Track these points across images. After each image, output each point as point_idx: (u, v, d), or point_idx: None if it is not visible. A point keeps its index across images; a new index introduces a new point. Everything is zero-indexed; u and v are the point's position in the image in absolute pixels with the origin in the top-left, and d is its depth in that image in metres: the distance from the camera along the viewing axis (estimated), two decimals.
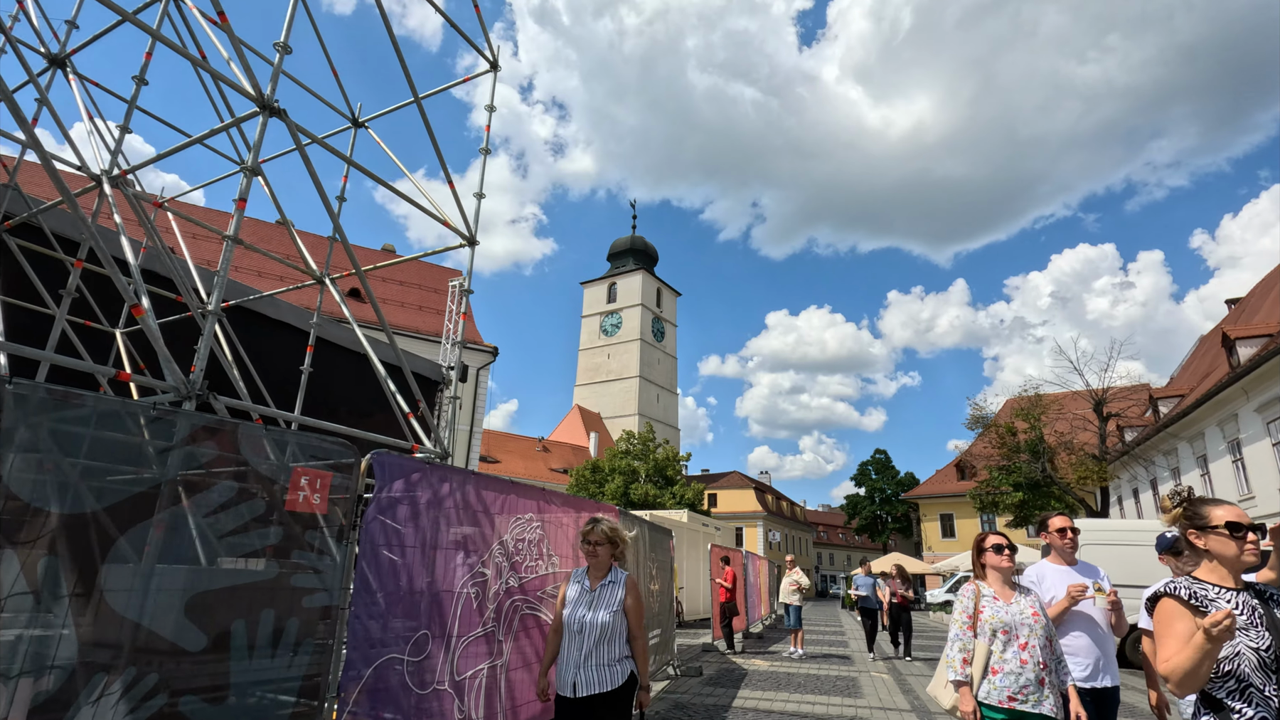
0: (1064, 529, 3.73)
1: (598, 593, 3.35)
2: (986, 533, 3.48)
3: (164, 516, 2.74)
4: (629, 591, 3.36)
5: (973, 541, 3.46)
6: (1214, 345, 33.19)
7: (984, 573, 3.36)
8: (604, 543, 3.42)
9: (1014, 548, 3.37)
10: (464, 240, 6.17)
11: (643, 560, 7.64)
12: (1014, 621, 3.10)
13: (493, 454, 50.36)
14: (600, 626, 3.21)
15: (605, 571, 3.44)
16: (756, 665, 10.62)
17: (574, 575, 3.55)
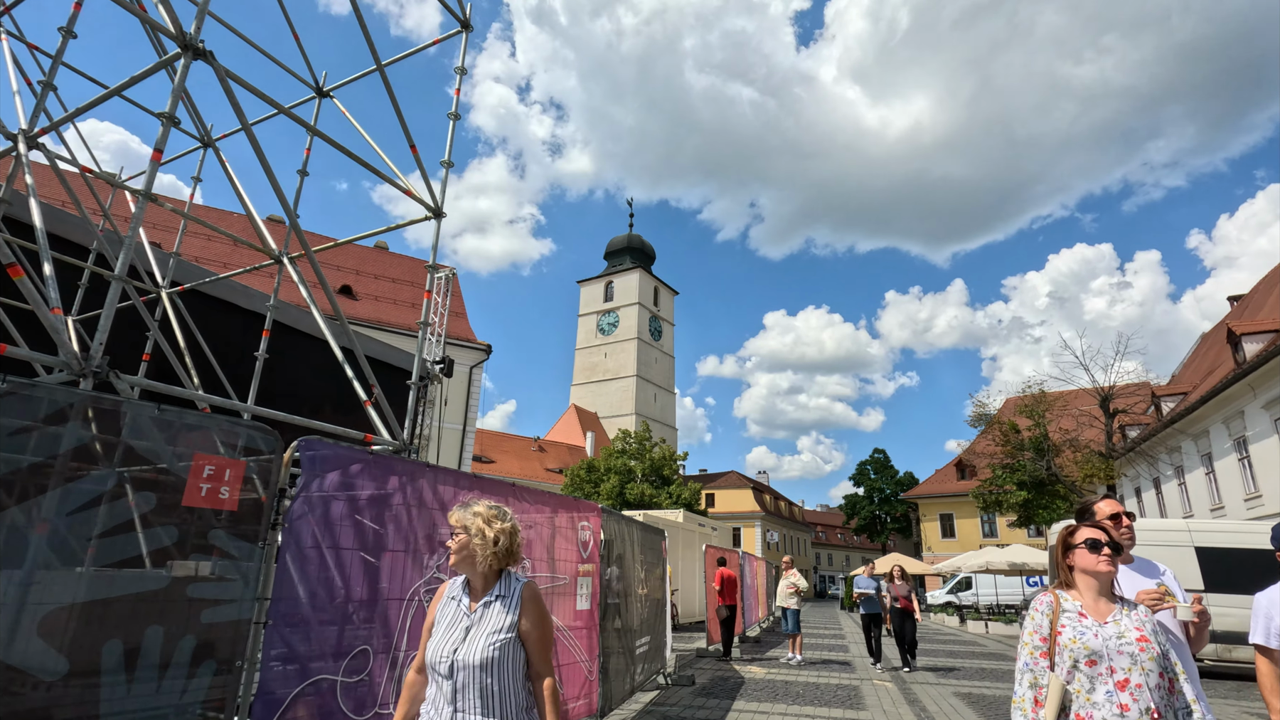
0: (1117, 515, 2.82)
1: (479, 614, 2.17)
2: (1083, 520, 2.53)
3: (12, 514, 2.22)
4: (528, 608, 2.19)
5: (1057, 537, 2.49)
6: (1217, 342, 32.74)
7: (1069, 576, 2.42)
8: (479, 535, 2.20)
9: (1116, 547, 2.32)
10: (429, 212, 5.64)
11: (631, 563, 7.12)
12: (1107, 649, 2.16)
13: (487, 454, 49.80)
14: (479, 667, 2.07)
15: (491, 581, 2.24)
16: (753, 673, 10.09)
17: (448, 589, 2.33)
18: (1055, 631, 2.26)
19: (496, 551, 2.20)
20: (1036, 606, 2.36)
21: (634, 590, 7.29)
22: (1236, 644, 10.75)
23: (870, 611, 11.45)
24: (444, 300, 15.21)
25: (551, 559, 5.22)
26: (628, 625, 6.81)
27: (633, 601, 7.17)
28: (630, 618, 6.97)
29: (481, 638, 2.12)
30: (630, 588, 7.04)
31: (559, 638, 5.17)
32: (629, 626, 6.90)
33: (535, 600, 2.23)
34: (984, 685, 9.57)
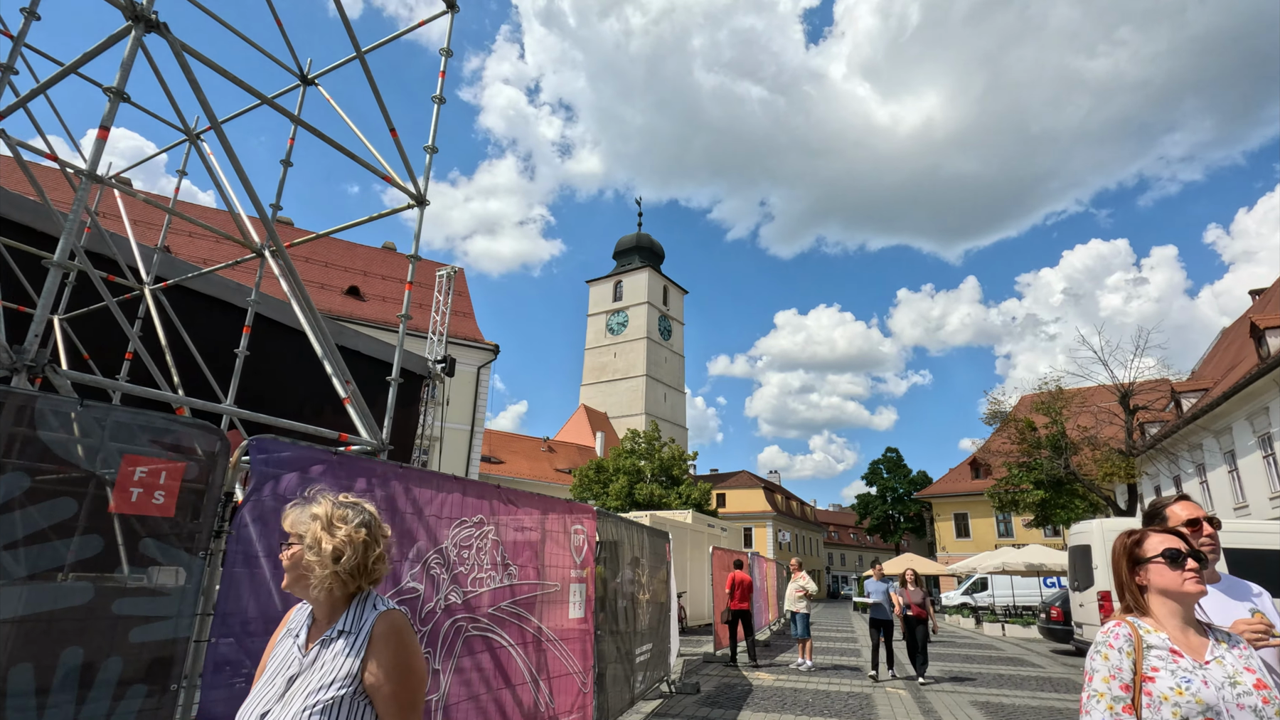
0: (1196, 521, 2.26)
1: (312, 658, 1.55)
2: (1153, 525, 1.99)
3: None
4: (378, 650, 1.53)
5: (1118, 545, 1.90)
6: (1239, 337, 31.96)
7: (1141, 599, 1.82)
8: (314, 547, 1.57)
9: (1201, 558, 1.77)
10: (412, 200, 5.37)
11: (631, 566, 6.83)
12: (1223, 701, 1.59)
13: (497, 454, 49.70)
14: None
15: (338, 609, 1.59)
16: (761, 679, 9.77)
17: (291, 616, 1.75)
18: (1144, 676, 1.66)
19: (338, 571, 1.53)
20: (1110, 641, 1.74)
21: (635, 595, 7.00)
22: None
23: (879, 619, 10.52)
24: (446, 299, 14.99)
25: (541, 565, 4.93)
26: (627, 632, 6.52)
27: (633, 607, 6.88)
28: (630, 624, 6.68)
29: (301, 696, 1.46)
30: (630, 592, 6.75)
31: (549, 648, 4.89)
32: (629, 633, 6.61)
33: (392, 638, 1.53)
34: (1003, 693, 9.19)
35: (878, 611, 10.47)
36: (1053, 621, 15.49)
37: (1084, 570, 11.73)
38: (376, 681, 1.50)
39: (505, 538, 4.55)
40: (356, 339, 11.85)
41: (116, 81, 3.37)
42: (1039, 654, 14.49)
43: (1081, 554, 11.90)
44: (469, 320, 37.19)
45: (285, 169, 6.50)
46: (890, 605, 10.35)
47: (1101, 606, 11.07)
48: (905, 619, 10.06)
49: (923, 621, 10.00)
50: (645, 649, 7.17)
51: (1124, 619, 1.79)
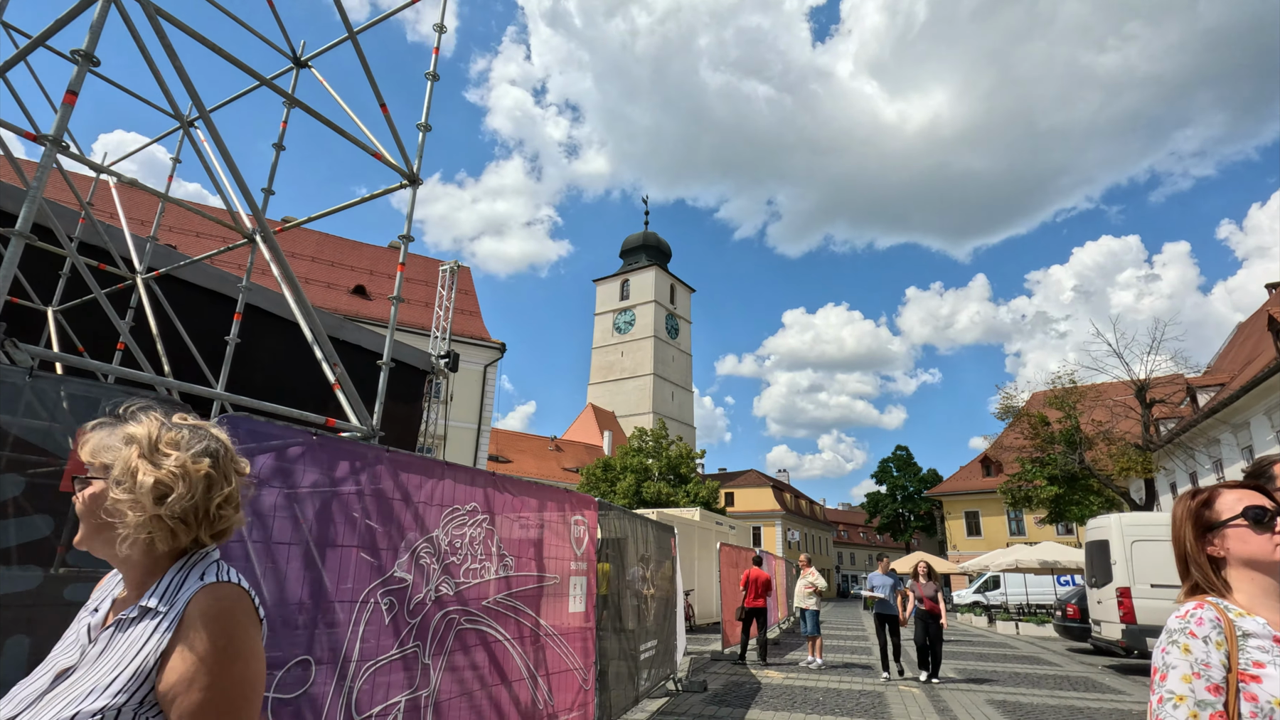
0: None
1: (101, 643, 1.06)
2: (1229, 480, 1.52)
3: None
4: (189, 637, 1.03)
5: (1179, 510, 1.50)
6: (1255, 331, 31.42)
7: (1214, 575, 1.41)
8: (124, 480, 1.07)
9: None
10: (404, 179, 5.18)
11: (636, 561, 6.63)
12: None
13: (504, 454, 49.64)
14: None
15: (153, 573, 1.11)
16: (770, 677, 9.54)
17: (103, 584, 1.25)
18: (1242, 675, 1.24)
19: (162, 515, 1.07)
20: (1192, 629, 1.31)
21: (640, 590, 6.80)
22: None
23: (884, 614, 9.96)
24: (449, 293, 14.84)
25: (540, 557, 4.74)
26: (632, 628, 6.32)
27: (638, 602, 6.68)
28: (635, 620, 6.47)
29: (60, 703, 0.98)
30: (635, 588, 6.55)
31: (548, 644, 4.69)
32: (633, 629, 6.41)
33: (214, 623, 1.05)
34: (1019, 692, 8.92)
35: (882, 606, 9.96)
36: (1069, 620, 15.16)
37: (1102, 566, 11.42)
38: (175, 686, 1.00)
39: (501, 527, 4.35)
40: (359, 333, 11.70)
41: (85, 44, 3.19)
42: (1055, 652, 14.18)
43: (1099, 549, 11.59)
44: (475, 319, 37.15)
45: (278, 153, 6.33)
46: (894, 599, 9.87)
47: (1121, 603, 10.77)
48: (919, 614, 9.51)
49: (936, 617, 9.39)
50: (650, 646, 6.96)
51: (1205, 599, 1.36)
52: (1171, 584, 11.11)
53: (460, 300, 37.14)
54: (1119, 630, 10.79)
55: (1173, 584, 10.51)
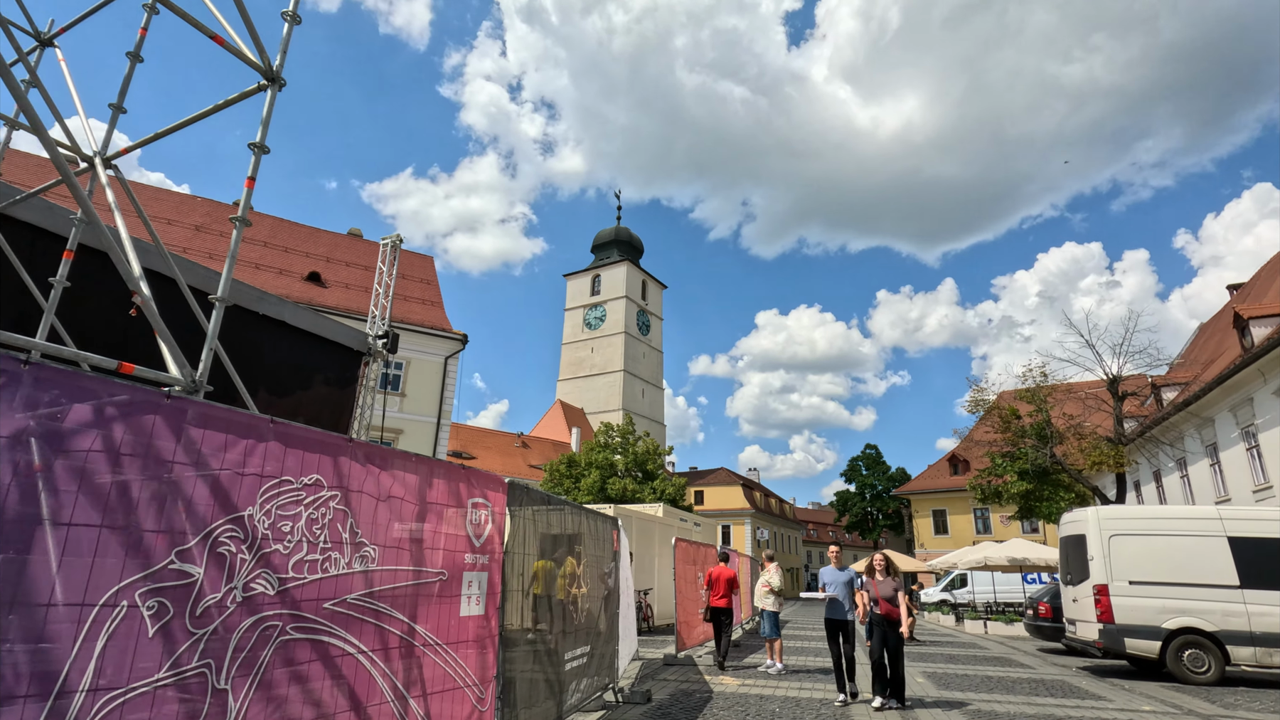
0: None
1: None
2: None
3: None
4: None
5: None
6: (1218, 331, 31.67)
7: None
8: None
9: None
10: (262, 76, 4.18)
11: (560, 555, 5.70)
12: None
13: (468, 449, 48.30)
14: None
15: None
16: (724, 684, 8.69)
17: None
18: None
19: None
20: None
21: (568, 589, 5.88)
22: (1279, 647, 9.40)
23: (835, 619, 7.78)
24: (390, 269, 13.74)
25: (419, 547, 3.79)
26: (555, 632, 5.39)
27: (566, 603, 5.76)
28: (561, 622, 5.55)
29: None
30: (559, 586, 5.62)
31: (427, 655, 3.74)
32: (558, 633, 5.48)
33: None
34: (995, 699, 8.20)
35: (834, 609, 7.81)
36: (1041, 618, 14.62)
37: (1078, 562, 10.80)
38: None
39: (360, 509, 3.39)
40: (280, 307, 10.42)
41: None
42: (1026, 653, 13.61)
43: (1075, 545, 10.97)
44: (437, 309, 35.88)
45: (133, 63, 5.26)
46: (852, 602, 7.80)
47: (1098, 601, 10.14)
48: (874, 620, 7.40)
49: (896, 624, 7.31)
50: (581, 652, 6.04)
51: None
52: (1153, 581, 10.56)
53: (423, 290, 35.85)
54: (1095, 630, 10.17)
55: (1154, 581, 9.84)
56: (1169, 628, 9.80)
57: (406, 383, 29.95)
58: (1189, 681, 9.58)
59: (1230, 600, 9.66)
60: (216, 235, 31.25)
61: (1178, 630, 9.76)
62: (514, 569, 4.71)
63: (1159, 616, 9.87)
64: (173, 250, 8.91)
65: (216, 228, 32.24)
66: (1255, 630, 9.47)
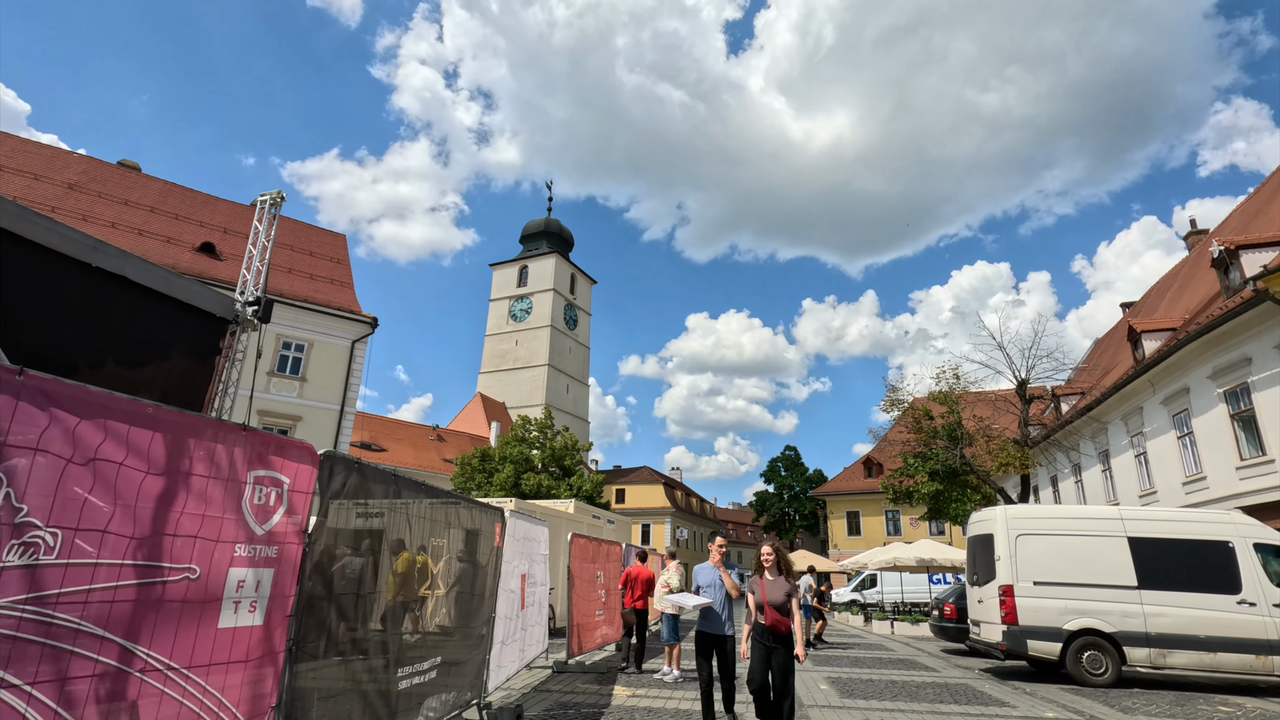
0: None
1: None
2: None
3: None
4: None
5: None
6: (1111, 346, 33.58)
7: None
8: None
9: None
10: None
11: (402, 548, 4.69)
12: None
13: (379, 441, 45.80)
14: None
15: None
16: (614, 695, 7.85)
17: None
18: None
19: None
20: None
21: (414, 590, 4.87)
22: (1174, 648, 9.39)
23: (708, 632, 5.94)
24: (267, 230, 12.16)
25: (155, 532, 2.72)
26: (382, 640, 4.38)
27: (409, 606, 4.75)
28: (394, 631, 4.53)
29: None
30: (390, 587, 4.60)
31: (158, 688, 2.68)
32: (392, 643, 4.47)
33: None
34: (899, 708, 7.71)
35: (707, 620, 5.94)
36: (946, 619, 14.56)
37: (985, 562, 10.59)
38: None
39: (30, 473, 2.31)
40: (121, 261, 8.76)
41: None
42: (931, 654, 13.47)
43: (983, 544, 10.77)
44: (346, 290, 33.61)
45: None
46: (728, 608, 5.98)
47: (1003, 602, 9.93)
48: (758, 634, 5.48)
49: (787, 640, 5.38)
50: (428, 666, 5.03)
51: None
52: (1057, 581, 10.44)
53: (332, 269, 33.55)
54: (999, 632, 9.95)
55: (1058, 581, 9.58)
56: (1070, 629, 9.68)
57: (308, 366, 27.80)
58: (1086, 683, 9.47)
59: (1128, 601, 9.62)
60: (93, 196, 28.16)
61: (1078, 631, 9.65)
62: (321, 565, 3.69)
63: (1061, 618, 9.73)
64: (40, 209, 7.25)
65: (94, 187, 29.04)
66: (1151, 631, 9.45)
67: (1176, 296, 26.28)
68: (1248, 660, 9.19)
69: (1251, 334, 15.40)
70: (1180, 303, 24.77)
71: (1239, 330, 15.71)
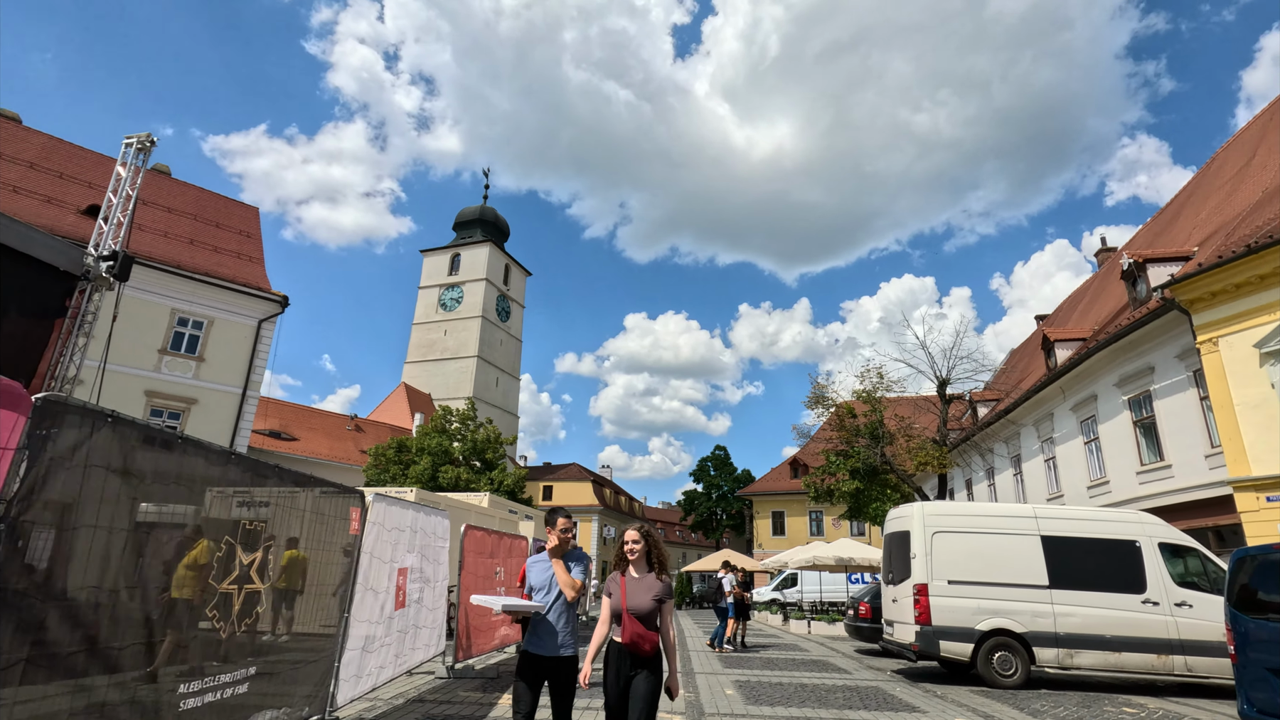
0: None
1: None
2: None
3: None
4: None
5: None
6: (1025, 356, 34.93)
7: None
8: None
9: None
10: None
11: (206, 534, 3.73)
12: None
13: (290, 430, 43.04)
14: None
15: None
16: (498, 705, 7.00)
17: None
18: None
19: None
20: None
21: (210, 584, 3.91)
22: (1081, 648, 9.29)
23: (536, 653, 3.91)
24: (133, 178, 10.66)
25: None
26: (149, 650, 3.41)
27: (190, 605, 3.78)
28: (173, 635, 3.57)
29: None
30: (187, 579, 3.64)
31: None
32: (155, 652, 3.51)
33: None
34: (806, 715, 7.17)
35: (537, 637, 3.95)
36: (861, 619, 14.36)
37: (900, 560, 10.29)
38: None
39: None
40: None
41: None
42: (844, 655, 13.19)
43: (899, 541, 10.47)
44: (255, 266, 31.25)
45: None
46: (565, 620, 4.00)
47: (917, 601, 9.62)
48: (614, 653, 3.81)
49: (651, 660, 3.75)
50: (235, 676, 4.07)
51: None
52: (970, 580, 10.25)
53: (240, 243, 31.16)
54: (913, 632, 9.64)
55: (971, 580, 9.28)
56: (982, 629, 9.46)
57: (206, 345, 25.60)
58: (996, 685, 9.26)
59: (1039, 601, 9.47)
60: None
61: (990, 632, 9.43)
62: (44, 544, 2.72)
63: (974, 618, 9.50)
64: None
65: None
66: (1060, 631, 9.32)
67: (1087, 309, 27.41)
68: (1150, 660, 9.17)
69: (1155, 343, 15.90)
70: (1091, 315, 25.81)
71: (1144, 340, 16.22)
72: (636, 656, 3.73)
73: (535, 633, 3.96)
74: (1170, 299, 14.05)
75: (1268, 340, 11.97)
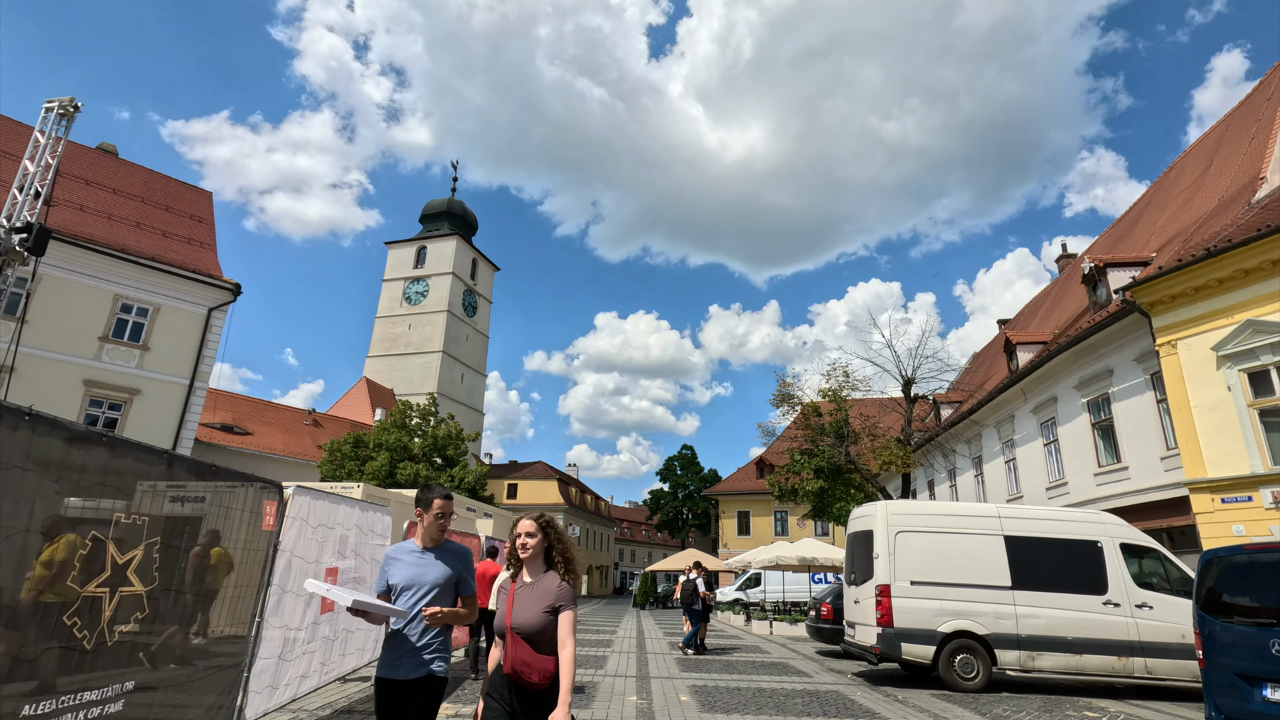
0: None
1: None
2: None
3: None
4: None
5: None
6: (987, 359, 35.39)
7: None
8: None
9: None
10: None
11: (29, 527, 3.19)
12: None
13: (243, 423, 41.49)
14: None
15: None
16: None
17: None
18: None
19: None
20: None
21: (60, 585, 3.36)
22: (1043, 650, 9.13)
23: (388, 678, 2.99)
24: (53, 145, 9.83)
25: None
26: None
27: (40, 609, 3.24)
28: (20, 647, 3.03)
29: None
30: (35, 581, 3.10)
31: None
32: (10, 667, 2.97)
33: None
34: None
35: (393, 653, 3.05)
36: (822, 620, 14.13)
37: (864, 561, 10.04)
38: None
39: None
40: None
41: None
42: (805, 657, 12.93)
43: (862, 541, 10.22)
44: (207, 252, 29.97)
45: None
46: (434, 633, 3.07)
47: (879, 603, 9.36)
48: (494, 680, 2.80)
49: (542, 698, 2.67)
50: (104, 694, 3.53)
51: None
52: (933, 581, 10.06)
53: (190, 228, 29.84)
54: (874, 635, 9.38)
55: (934, 581, 9.02)
56: (944, 631, 9.24)
57: (152, 334, 24.33)
58: (957, 688, 9.05)
59: (1002, 602, 9.30)
60: None
61: (952, 634, 9.22)
62: None
63: (936, 619, 9.28)
64: None
65: None
66: (1022, 633, 9.15)
67: (1048, 313, 27.80)
68: (1110, 662, 9.06)
69: (1114, 346, 16.02)
70: (1052, 319, 26.15)
71: (1104, 343, 16.33)
72: (522, 690, 2.70)
73: (392, 648, 3.02)
74: (1131, 301, 14.13)
75: (1225, 343, 12.06)
